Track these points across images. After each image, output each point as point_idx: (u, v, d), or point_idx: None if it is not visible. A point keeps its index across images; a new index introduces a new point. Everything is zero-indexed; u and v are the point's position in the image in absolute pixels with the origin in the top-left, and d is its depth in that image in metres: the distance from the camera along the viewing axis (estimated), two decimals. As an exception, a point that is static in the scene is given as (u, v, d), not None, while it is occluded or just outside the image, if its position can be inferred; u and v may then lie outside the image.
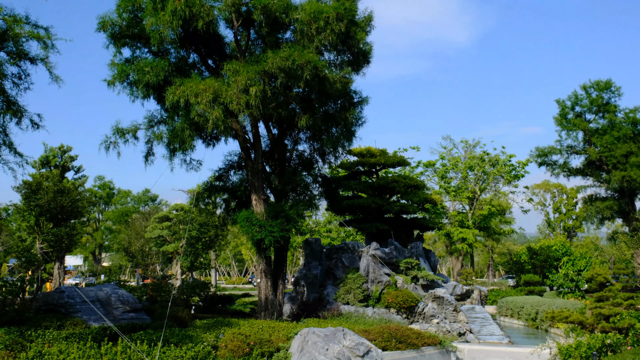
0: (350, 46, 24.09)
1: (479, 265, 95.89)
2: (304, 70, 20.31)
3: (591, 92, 51.95)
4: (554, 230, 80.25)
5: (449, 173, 58.70)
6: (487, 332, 25.30)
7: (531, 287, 43.21)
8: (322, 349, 14.88)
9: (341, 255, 28.14)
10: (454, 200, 59.22)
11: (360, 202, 30.83)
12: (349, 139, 25.50)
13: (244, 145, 24.14)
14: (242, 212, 22.80)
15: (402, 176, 33.09)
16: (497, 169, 57.05)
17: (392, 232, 31.79)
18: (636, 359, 13.57)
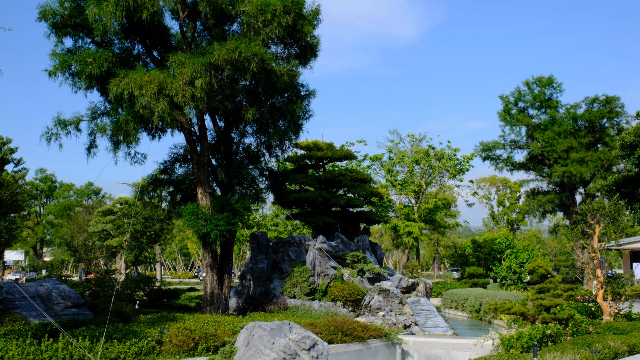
0: (297, 39, 24.01)
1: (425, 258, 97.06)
2: (251, 62, 20.16)
3: (534, 88, 52.99)
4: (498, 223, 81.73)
5: (396, 167, 59.13)
6: (432, 324, 25.59)
7: (475, 280, 43.92)
8: (268, 343, 14.81)
9: (288, 249, 28.10)
10: (400, 194, 59.71)
11: (307, 195, 30.83)
12: (296, 132, 25.46)
13: (189, 138, 23.86)
14: (188, 206, 22.56)
15: (349, 170, 33.16)
16: (443, 163, 57.69)
17: (339, 225, 31.88)
18: (575, 348, 13.89)
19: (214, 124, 25.54)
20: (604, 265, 22.57)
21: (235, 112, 24.08)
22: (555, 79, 52.12)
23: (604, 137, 50.87)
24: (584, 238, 22.35)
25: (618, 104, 50.35)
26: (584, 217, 22.45)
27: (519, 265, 43.33)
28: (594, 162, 48.18)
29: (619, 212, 22.19)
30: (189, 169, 26.18)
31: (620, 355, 14.77)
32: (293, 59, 24.53)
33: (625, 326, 18.15)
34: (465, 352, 19.26)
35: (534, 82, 52.75)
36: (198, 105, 20.36)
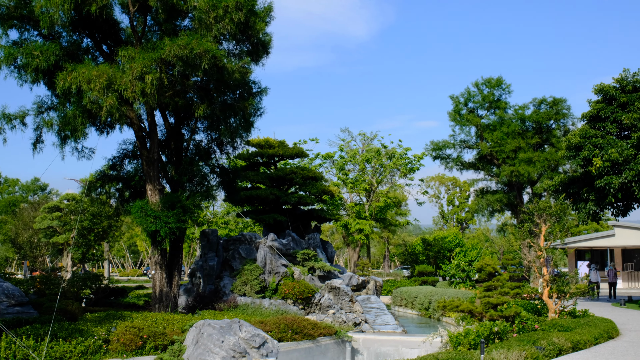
0: (249, 36, 23.90)
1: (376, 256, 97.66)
2: (202, 59, 19.99)
3: (483, 89, 53.72)
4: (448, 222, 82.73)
5: (347, 165, 59.32)
6: (382, 321, 25.76)
7: (425, 278, 44.37)
8: (218, 341, 14.71)
9: (238, 247, 27.97)
10: (352, 192, 59.94)
11: (259, 193, 30.72)
12: (248, 129, 25.34)
13: (139, 133, 23.53)
14: (137, 203, 22.25)
15: (300, 167, 33.15)
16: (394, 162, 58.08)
17: (290, 223, 31.85)
18: (521, 345, 14.13)
19: (164, 120, 25.24)
20: (549, 264, 23.01)
21: (186, 108, 23.84)
22: (504, 80, 53.00)
23: (550, 138, 51.91)
24: (531, 237, 22.76)
25: (565, 106, 51.46)
26: (530, 217, 22.85)
27: (468, 264, 43.95)
28: (541, 162, 49.14)
29: (564, 211, 22.64)
30: (138, 166, 25.82)
31: (565, 352, 15.09)
32: (245, 55, 24.41)
33: (570, 323, 18.55)
34: (414, 349, 19.44)
35: (483, 83, 53.52)
36: (148, 101, 20.10)
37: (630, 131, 30.28)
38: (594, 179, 29.40)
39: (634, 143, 28.64)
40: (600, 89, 31.69)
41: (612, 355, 14.84)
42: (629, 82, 31.04)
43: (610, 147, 28.68)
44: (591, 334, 16.94)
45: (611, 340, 17.86)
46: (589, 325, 18.29)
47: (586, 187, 30.75)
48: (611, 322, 19.94)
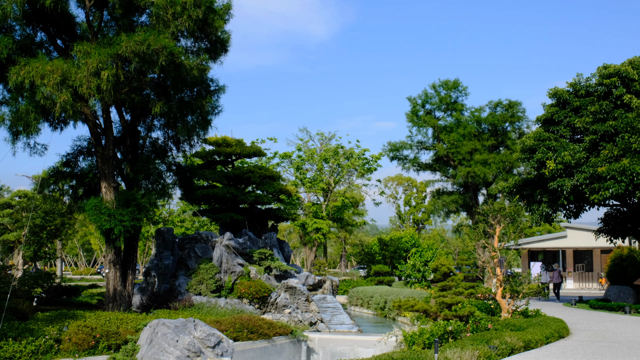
0: (208, 33, 23.74)
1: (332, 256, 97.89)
2: (160, 55, 19.79)
3: (440, 91, 54.23)
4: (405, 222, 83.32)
5: (305, 165, 59.39)
6: (338, 321, 25.83)
7: (381, 277, 44.62)
8: (172, 341, 14.58)
9: (194, 245, 27.75)
10: (309, 192, 60.02)
11: (215, 191, 30.53)
12: (205, 127, 25.16)
13: (94, 130, 23.18)
14: (91, 200, 21.93)
15: (258, 167, 33.05)
16: (352, 162, 58.32)
17: (247, 222, 31.73)
18: (474, 344, 14.30)
19: (120, 116, 24.93)
20: (503, 264, 23.34)
21: (143, 105, 23.57)
22: (460, 83, 53.57)
23: (506, 141, 52.66)
24: (485, 238, 23.02)
25: (520, 109, 52.24)
26: (485, 218, 23.13)
27: (424, 264, 44.31)
28: (496, 164, 49.80)
29: (518, 213, 22.98)
30: (93, 163, 25.44)
31: (517, 351, 15.31)
32: (203, 53, 24.24)
33: (522, 323, 18.83)
34: (369, 348, 19.52)
35: (440, 85, 54.03)
36: (104, 97, 19.82)
37: (582, 135, 30.88)
38: (547, 181, 29.90)
39: (586, 146, 29.21)
40: (555, 92, 32.25)
41: (562, 354, 15.11)
42: (582, 86, 31.65)
43: (563, 150, 29.19)
44: (543, 334, 17.22)
45: (562, 339, 18.18)
46: (540, 325, 18.59)
47: (540, 189, 31.26)
48: (562, 321, 20.30)
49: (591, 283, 51.80)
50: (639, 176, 25.78)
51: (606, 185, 26.78)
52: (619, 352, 15.52)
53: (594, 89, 30.98)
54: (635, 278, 33.89)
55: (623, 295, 32.48)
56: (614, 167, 26.31)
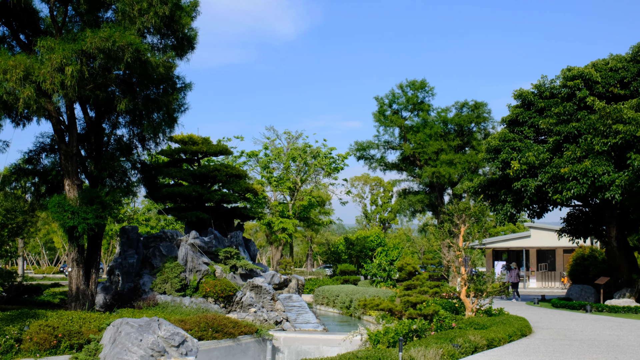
0: (174, 30, 23.54)
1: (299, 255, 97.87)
2: (125, 52, 19.56)
3: (407, 91, 54.56)
4: (371, 221, 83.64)
5: (272, 163, 59.29)
6: (303, 320, 25.83)
7: (347, 276, 44.71)
8: (136, 340, 14.44)
9: (159, 244, 27.52)
10: (276, 191, 59.93)
11: (181, 190, 30.31)
12: (171, 125, 24.94)
13: (57, 127, 22.85)
14: (54, 198, 21.60)
15: (224, 165, 32.85)
16: (318, 161, 58.37)
17: (213, 221, 31.56)
18: (438, 342, 14.41)
19: (84, 113, 24.60)
20: (468, 264, 23.53)
21: (108, 102, 23.30)
22: (427, 83, 53.99)
23: (471, 141, 53.21)
24: (450, 237, 23.21)
25: (485, 110, 52.85)
26: (450, 217, 23.32)
27: (389, 263, 44.52)
28: (462, 164, 50.28)
29: (483, 212, 23.21)
30: (56, 160, 25.09)
31: (480, 349, 15.46)
32: (170, 50, 24.02)
33: (485, 321, 19.03)
34: (334, 347, 19.55)
35: (407, 85, 54.38)
36: (68, 93, 19.53)
37: (546, 135, 31.31)
38: (512, 181, 30.25)
39: (550, 147, 29.61)
40: (520, 94, 32.64)
41: (524, 352, 15.30)
42: (547, 88, 32.08)
43: (527, 151, 29.56)
44: (505, 332, 17.42)
45: (524, 337, 18.42)
46: (503, 324, 18.80)
47: (504, 189, 31.61)
48: (525, 320, 20.55)
49: (554, 282, 52.56)
50: (600, 177, 26.20)
51: (569, 186, 27.18)
52: (579, 350, 15.77)
53: (558, 91, 31.42)
54: (596, 277, 34.46)
55: (584, 294, 33.01)
56: (577, 168, 26.71)
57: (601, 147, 26.61)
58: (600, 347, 16.41)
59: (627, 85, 30.29)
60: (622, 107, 26.57)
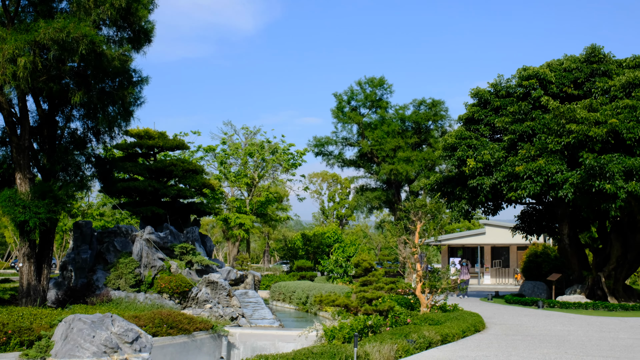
0: (131, 23, 23.24)
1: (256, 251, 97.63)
2: (80, 44, 19.24)
3: (366, 87, 54.78)
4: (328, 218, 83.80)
5: (229, 159, 58.97)
6: (259, 316, 25.76)
7: (303, 272, 44.75)
8: (89, 336, 14.22)
9: (114, 239, 27.15)
10: (233, 186, 59.64)
11: (137, 184, 29.92)
12: (127, 119, 24.62)
13: (9, 119, 22.38)
14: (5, 192, 21.16)
15: (181, 160, 32.56)
16: (276, 157, 58.25)
17: (169, 216, 31.24)
18: (393, 338, 14.50)
19: (37, 105, 24.12)
20: (423, 260, 23.74)
21: (62, 94, 22.87)
22: (386, 80, 54.29)
23: (428, 139, 53.68)
24: (406, 234, 23.38)
25: (443, 108, 53.36)
26: (407, 214, 23.48)
27: (346, 259, 44.71)
28: (418, 161, 50.69)
29: (439, 210, 23.43)
30: (7, 153, 24.55)
31: (434, 345, 15.60)
32: (126, 43, 23.72)
33: (440, 317, 19.21)
34: (290, 343, 19.55)
35: (366, 82, 54.61)
36: (20, 85, 19.15)
37: (502, 134, 31.71)
38: (468, 179, 30.56)
39: (505, 146, 30.01)
40: (476, 92, 33.00)
41: (477, 347, 15.49)
42: (503, 87, 32.49)
43: (483, 149, 29.89)
44: (459, 328, 17.61)
45: (478, 333, 18.65)
46: (457, 319, 19.00)
47: (460, 187, 31.93)
48: (478, 316, 20.81)
49: (507, 278, 53.36)
50: (553, 176, 26.64)
51: (523, 185, 27.57)
52: (531, 345, 16.03)
53: (514, 90, 31.86)
54: (549, 274, 35.09)
55: (537, 290, 33.58)
56: (531, 167, 27.11)
57: (555, 146, 27.06)
58: (550, 342, 16.70)
59: (580, 85, 30.85)
60: (575, 107, 27.06)
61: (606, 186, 24.68)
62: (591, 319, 23.30)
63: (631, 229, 29.12)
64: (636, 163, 24.73)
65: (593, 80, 30.30)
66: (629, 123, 25.60)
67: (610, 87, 28.94)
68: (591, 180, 25.28)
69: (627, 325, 20.94)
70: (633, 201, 26.21)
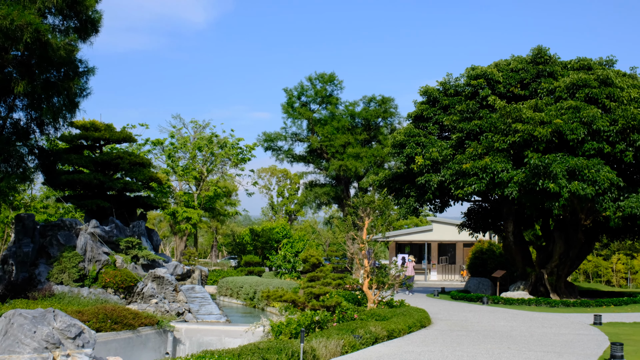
0: (77, 12, 22.78)
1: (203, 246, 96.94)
2: (24, 32, 18.79)
3: (316, 83, 54.82)
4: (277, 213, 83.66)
5: (178, 152, 58.39)
6: (206, 311, 25.56)
7: (251, 268, 44.64)
8: (30, 332, 13.89)
9: (57, 233, 26.59)
10: (181, 180, 59.09)
11: (81, 177, 29.33)
12: (72, 110, 24.13)
13: (-52, 108, 21.72)
14: (-57, 183, 20.56)
15: (127, 153, 32.01)
16: (225, 151, 57.91)
17: (115, 210, 30.72)
18: (340, 333, 14.53)
19: (-22, 95, 23.48)
20: (371, 256, 23.82)
21: (4, 84, 22.26)
22: (336, 77, 54.43)
23: (378, 135, 54.04)
24: (355, 230, 23.44)
25: (392, 105, 53.79)
26: (355, 210, 23.55)
27: (294, 255, 44.70)
28: (368, 158, 50.98)
29: (387, 206, 23.55)
30: (-54, 143, 23.83)
31: (380, 340, 15.69)
32: (72, 32, 23.23)
33: (387, 313, 19.33)
34: (236, 338, 19.44)
35: (316, 78, 54.65)
36: (-40, 73, 18.61)
37: (450, 132, 32.08)
38: (416, 176, 30.84)
39: (453, 144, 30.36)
40: (425, 90, 33.31)
41: (423, 343, 15.63)
42: (452, 86, 32.87)
43: (431, 147, 30.20)
44: (405, 323, 17.75)
45: (424, 328, 18.83)
46: (404, 315, 19.15)
47: (408, 184, 32.20)
48: (424, 311, 21.01)
49: (454, 275, 54.10)
50: (499, 174, 27.07)
51: (469, 182, 27.95)
52: (475, 340, 16.25)
53: (462, 89, 32.25)
54: (494, 270, 35.68)
55: (482, 286, 34.13)
56: (477, 165, 27.50)
57: (501, 144, 27.49)
58: (494, 337, 16.96)
59: (526, 86, 31.41)
60: (522, 107, 27.54)
61: (550, 185, 25.19)
62: (534, 315, 23.76)
63: (573, 227, 29.78)
64: (579, 163, 25.30)
65: (539, 81, 30.88)
66: (573, 124, 26.17)
67: (555, 88, 29.53)
68: (535, 180, 25.77)
69: (568, 321, 21.41)
70: (575, 200, 26.81)
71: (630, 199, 26.26)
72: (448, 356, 13.60)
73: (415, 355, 13.67)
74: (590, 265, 58.04)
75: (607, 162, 27.55)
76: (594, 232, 32.10)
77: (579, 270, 56.77)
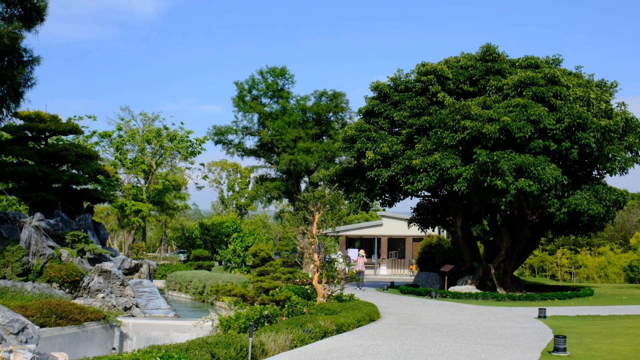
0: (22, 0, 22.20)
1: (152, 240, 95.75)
2: (-34, 18, 18.22)
3: (268, 77, 54.58)
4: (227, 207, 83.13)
5: (126, 145, 57.53)
6: (154, 306, 25.27)
7: (201, 262, 44.30)
8: (-31, 328, 13.51)
9: (0, 226, 25.94)
10: (130, 173, 58.26)
11: (26, 169, 28.67)
12: (16, 100, 23.57)
13: None
14: None
15: (74, 145, 31.39)
16: (175, 144, 57.29)
17: (60, 203, 30.10)
18: (289, 328, 14.50)
19: None
20: (321, 251, 23.83)
21: (-55, 72, 21.65)
22: (288, 71, 54.31)
23: (329, 130, 54.10)
24: (305, 224, 23.43)
25: (343, 100, 53.91)
26: (305, 205, 23.52)
27: (244, 249, 44.51)
28: (319, 152, 51.01)
29: (337, 201, 23.59)
30: None
31: (329, 334, 15.71)
32: (16, 20, 22.64)
33: (336, 307, 19.36)
34: (185, 333, 19.27)
35: (268, 71, 54.42)
36: None
37: (400, 128, 32.27)
38: (366, 170, 30.95)
39: (403, 139, 30.56)
40: (376, 86, 33.42)
41: (371, 336, 15.70)
42: (402, 82, 33.04)
43: (382, 142, 30.33)
44: (355, 317, 17.81)
45: (373, 322, 18.93)
46: (353, 309, 19.21)
47: (359, 179, 32.30)
48: (374, 305, 21.12)
49: (403, 269, 54.55)
50: (448, 170, 27.34)
51: (419, 177, 28.17)
52: (423, 334, 16.40)
53: (413, 85, 32.46)
54: (442, 265, 36.09)
55: (431, 281, 34.48)
56: (427, 161, 27.72)
57: (450, 141, 27.77)
58: (442, 330, 17.14)
59: (475, 82, 31.78)
60: (470, 104, 27.86)
61: (497, 182, 25.57)
62: (481, 308, 24.10)
63: (520, 223, 30.28)
64: (525, 161, 25.72)
65: (487, 78, 31.28)
66: (520, 122, 26.58)
67: (504, 85, 29.95)
68: (483, 176, 26.12)
69: (514, 315, 21.77)
70: (522, 196, 27.25)
71: (575, 196, 26.84)
72: (396, 349, 13.69)
73: (363, 349, 13.71)
74: (536, 260, 59.18)
75: (553, 159, 28.07)
76: (540, 228, 32.68)
77: (525, 265, 57.80)
